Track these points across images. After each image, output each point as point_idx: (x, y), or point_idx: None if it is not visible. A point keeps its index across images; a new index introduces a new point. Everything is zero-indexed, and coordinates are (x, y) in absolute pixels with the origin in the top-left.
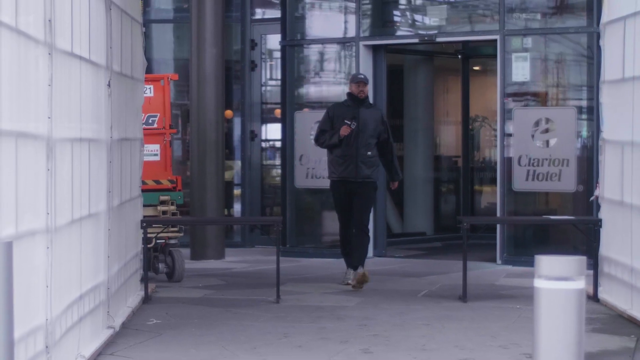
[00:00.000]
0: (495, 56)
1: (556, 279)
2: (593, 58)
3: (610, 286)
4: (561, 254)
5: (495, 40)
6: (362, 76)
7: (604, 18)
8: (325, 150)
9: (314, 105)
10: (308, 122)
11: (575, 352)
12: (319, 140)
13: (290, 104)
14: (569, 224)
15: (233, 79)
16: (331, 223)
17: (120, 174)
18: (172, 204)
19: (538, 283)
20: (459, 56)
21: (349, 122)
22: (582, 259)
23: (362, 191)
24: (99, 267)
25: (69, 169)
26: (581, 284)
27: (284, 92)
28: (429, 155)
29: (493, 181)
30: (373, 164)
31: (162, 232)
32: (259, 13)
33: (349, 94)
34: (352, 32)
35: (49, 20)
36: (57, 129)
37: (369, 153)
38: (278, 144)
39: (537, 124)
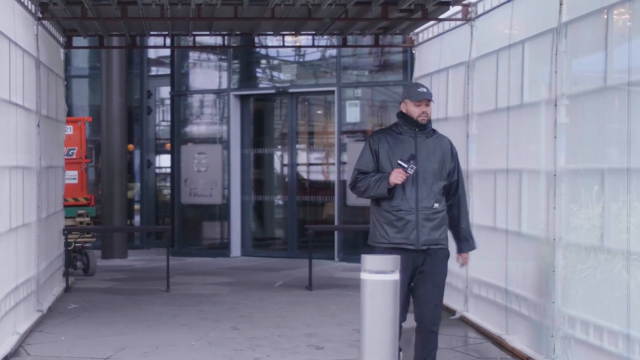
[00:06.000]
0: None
1: (377, 272)
2: None
3: None
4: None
5: (334, 91)
6: (425, 89)
7: (416, 73)
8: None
9: (196, 140)
10: (191, 153)
11: (392, 327)
12: (358, 187)
13: (177, 139)
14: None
15: (134, 120)
16: (209, 230)
17: (47, 193)
18: (87, 216)
19: (364, 275)
20: (306, 103)
21: (405, 165)
22: (396, 257)
23: (430, 265)
24: (30, 265)
25: (7, 189)
26: (396, 276)
27: (173, 131)
28: (281, 177)
29: (332, 198)
30: (442, 222)
31: (79, 237)
32: (154, 70)
33: (404, 116)
34: (224, 85)
35: None
36: None
37: (436, 205)
38: (168, 170)
39: None
